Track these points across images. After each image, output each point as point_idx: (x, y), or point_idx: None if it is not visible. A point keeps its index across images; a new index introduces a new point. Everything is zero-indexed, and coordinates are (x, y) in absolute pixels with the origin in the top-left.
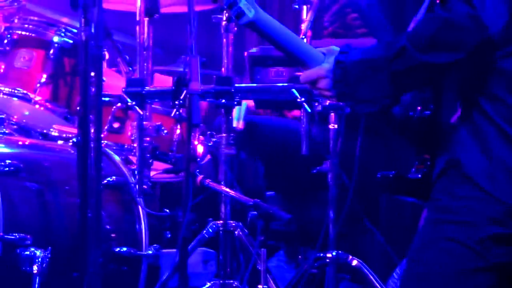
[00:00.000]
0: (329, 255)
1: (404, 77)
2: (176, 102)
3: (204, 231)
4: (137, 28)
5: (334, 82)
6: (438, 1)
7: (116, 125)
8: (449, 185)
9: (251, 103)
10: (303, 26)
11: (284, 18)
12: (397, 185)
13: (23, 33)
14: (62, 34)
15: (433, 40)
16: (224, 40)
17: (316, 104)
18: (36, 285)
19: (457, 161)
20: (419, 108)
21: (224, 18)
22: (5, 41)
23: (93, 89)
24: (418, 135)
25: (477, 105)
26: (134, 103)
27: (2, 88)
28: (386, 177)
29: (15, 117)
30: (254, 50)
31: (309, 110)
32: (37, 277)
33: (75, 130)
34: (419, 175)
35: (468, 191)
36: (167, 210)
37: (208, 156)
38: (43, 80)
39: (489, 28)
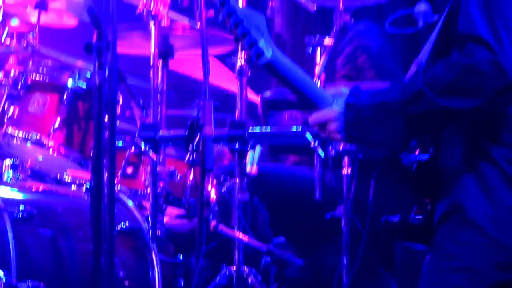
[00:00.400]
0: None
1: (420, 122)
2: (190, 147)
3: (218, 278)
4: (151, 72)
5: (346, 125)
6: (455, 47)
7: (129, 170)
8: (452, 230)
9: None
10: (317, 70)
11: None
12: (400, 230)
13: (37, 77)
14: (76, 78)
15: (454, 85)
16: (238, 83)
17: (330, 149)
18: None
19: (459, 205)
20: (417, 150)
21: (239, 62)
22: (19, 85)
23: (106, 134)
24: (417, 178)
25: (481, 148)
26: (148, 148)
27: (16, 133)
28: (389, 223)
29: (29, 162)
30: (267, 94)
31: (323, 155)
32: None
33: (88, 175)
34: (420, 220)
35: (472, 236)
36: (181, 257)
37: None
38: (56, 125)
39: (508, 73)
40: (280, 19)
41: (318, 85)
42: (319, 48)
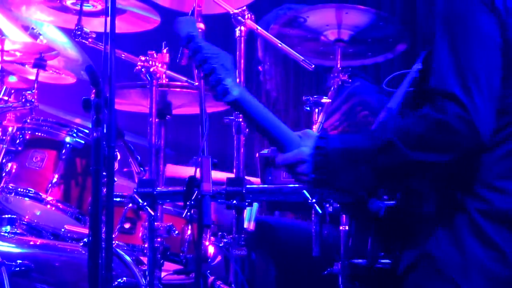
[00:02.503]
0: None
1: (389, 172)
2: (188, 203)
3: None
4: (149, 129)
5: (315, 168)
6: (427, 100)
7: (127, 225)
8: (421, 280)
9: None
10: (315, 128)
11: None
12: (367, 274)
13: (36, 133)
14: (74, 135)
15: (424, 139)
16: (236, 141)
17: (327, 205)
18: None
19: (429, 254)
20: (385, 197)
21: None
22: (17, 141)
23: (104, 190)
24: (385, 223)
25: (453, 198)
26: (145, 203)
27: (14, 188)
28: (356, 266)
29: (27, 217)
30: (265, 151)
31: (320, 212)
32: None
33: (86, 231)
34: (388, 265)
35: (441, 286)
36: None
37: (219, 257)
38: (54, 180)
39: (481, 134)
40: (271, 71)
41: (284, 126)
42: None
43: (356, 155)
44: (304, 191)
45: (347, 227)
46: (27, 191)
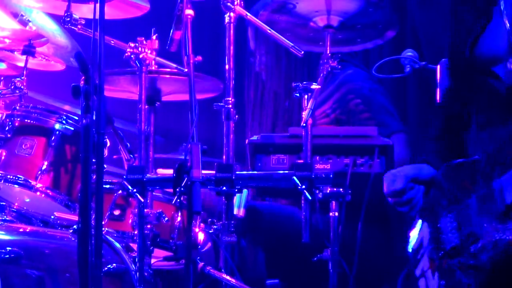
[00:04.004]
0: None
1: None
2: (177, 190)
3: None
4: (138, 115)
5: None
6: None
7: (117, 212)
8: None
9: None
10: (304, 114)
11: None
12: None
13: (25, 120)
14: (64, 122)
15: None
16: (225, 127)
17: (317, 191)
18: None
19: None
20: None
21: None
22: (7, 128)
23: (94, 177)
24: None
25: None
26: (135, 190)
27: (3, 175)
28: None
29: (16, 204)
30: (255, 137)
31: (310, 198)
32: None
33: (76, 218)
34: None
35: None
36: None
37: (209, 244)
38: (44, 167)
39: None
40: (263, 60)
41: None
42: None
43: None
44: (294, 177)
45: (336, 213)
46: (16, 178)
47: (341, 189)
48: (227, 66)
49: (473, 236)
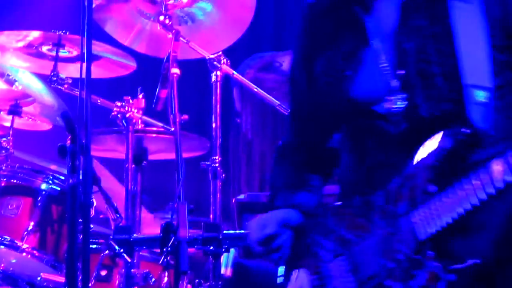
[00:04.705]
0: None
1: None
2: (164, 249)
3: None
4: (125, 175)
5: None
6: None
7: (103, 272)
8: None
9: None
10: None
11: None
12: None
13: (11, 180)
14: (50, 182)
15: None
16: (212, 186)
17: None
18: None
19: None
20: None
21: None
22: None
23: (80, 237)
24: None
25: None
26: (122, 250)
27: None
28: None
29: (2, 265)
30: (242, 196)
31: None
32: None
33: (62, 279)
34: None
35: None
36: None
37: None
38: (30, 227)
39: None
40: (249, 120)
41: None
42: None
43: None
44: None
45: None
46: (2, 239)
47: None
48: (214, 125)
49: (375, 279)
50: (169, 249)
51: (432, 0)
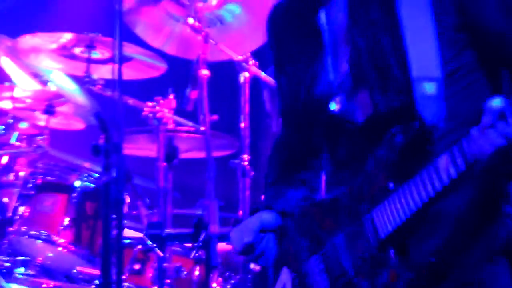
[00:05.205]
0: None
1: None
2: (195, 244)
3: None
4: (157, 173)
5: None
6: None
7: (137, 266)
8: None
9: None
10: None
11: None
12: None
13: (47, 178)
14: (84, 179)
15: None
16: (241, 184)
17: None
18: None
19: None
20: None
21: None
22: (29, 185)
23: (114, 232)
24: None
25: None
26: (154, 245)
27: (27, 231)
28: None
29: (40, 259)
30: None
31: None
32: None
33: (97, 272)
34: None
35: None
36: None
37: None
38: (65, 223)
39: None
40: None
41: None
42: None
43: None
44: None
45: None
46: (39, 234)
47: None
48: (242, 124)
49: (345, 277)
50: (200, 244)
51: None
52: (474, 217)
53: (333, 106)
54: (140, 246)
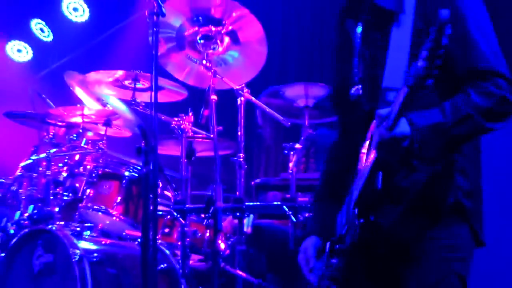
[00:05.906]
0: None
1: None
2: (207, 215)
3: None
4: (180, 166)
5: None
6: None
7: (166, 230)
8: None
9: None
10: (291, 165)
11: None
12: None
13: (105, 170)
14: (131, 170)
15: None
16: (238, 173)
17: (299, 216)
18: None
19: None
20: None
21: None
22: (93, 175)
23: (151, 207)
24: None
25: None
26: (179, 216)
27: (91, 206)
28: None
29: (100, 225)
30: (258, 180)
31: (295, 220)
32: None
33: (139, 234)
34: None
35: None
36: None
37: (228, 251)
38: (118, 201)
39: None
40: (268, 130)
41: None
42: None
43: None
44: (284, 206)
45: None
46: (100, 208)
47: None
48: (239, 133)
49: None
50: (209, 215)
51: (385, 19)
52: (429, 189)
53: (352, 91)
54: (168, 216)
